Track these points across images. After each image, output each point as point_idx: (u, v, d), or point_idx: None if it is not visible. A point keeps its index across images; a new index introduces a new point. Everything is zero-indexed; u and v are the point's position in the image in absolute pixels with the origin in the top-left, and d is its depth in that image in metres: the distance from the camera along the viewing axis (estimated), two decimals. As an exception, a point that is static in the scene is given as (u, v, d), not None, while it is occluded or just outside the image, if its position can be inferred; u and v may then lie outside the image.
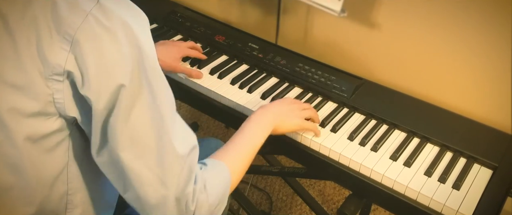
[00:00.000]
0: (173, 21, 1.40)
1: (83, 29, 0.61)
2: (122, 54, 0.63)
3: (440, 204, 0.89)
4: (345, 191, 1.81)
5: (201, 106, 1.24)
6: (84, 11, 0.61)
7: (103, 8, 0.62)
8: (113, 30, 0.62)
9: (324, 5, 1.16)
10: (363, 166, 0.97)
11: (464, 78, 1.20)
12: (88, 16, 0.61)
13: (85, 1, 0.62)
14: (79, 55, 0.62)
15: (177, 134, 0.69)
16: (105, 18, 0.62)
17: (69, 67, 0.62)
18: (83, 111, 0.67)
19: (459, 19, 1.13)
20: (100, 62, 0.62)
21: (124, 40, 0.63)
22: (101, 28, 0.61)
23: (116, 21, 0.62)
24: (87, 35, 0.61)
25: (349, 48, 1.39)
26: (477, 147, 1.01)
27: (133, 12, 0.66)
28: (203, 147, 1.08)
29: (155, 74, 0.67)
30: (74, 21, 0.61)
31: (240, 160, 0.84)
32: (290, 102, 1.01)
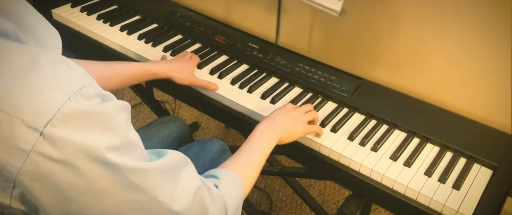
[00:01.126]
0: (173, 21, 1.40)
1: (25, 171, 0.50)
2: (88, 183, 0.52)
3: (440, 204, 0.89)
4: (345, 191, 1.81)
5: (201, 106, 1.24)
6: (23, 151, 0.49)
7: (50, 139, 0.49)
8: (68, 161, 0.50)
9: (324, 5, 1.16)
10: (363, 166, 0.97)
11: (464, 78, 1.20)
12: (30, 155, 0.49)
13: (23, 136, 0.48)
14: (27, 192, 0.52)
15: (176, 197, 0.62)
16: (53, 150, 0.49)
17: (15, 205, 0.53)
18: None
19: (459, 19, 1.13)
20: (59, 197, 0.52)
21: (87, 167, 0.52)
22: (51, 163, 0.50)
23: (70, 149, 0.50)
24: (32, 176, 0.50)
25: (349, 49, 1.39)
26: (477, 147, 1.01)
27: (92, 119, 0.52)
28: (206, 148, 1.09)
29: (139, 174, 0.57)
30: (11, 164, 0.49)
31: (249, 171, 0.83)
32: (292, 109, 1.00)
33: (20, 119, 0.48)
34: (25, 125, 0.48)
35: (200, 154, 1.07)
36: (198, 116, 2.13)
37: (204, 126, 2.08)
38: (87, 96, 0.52)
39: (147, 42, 1.32)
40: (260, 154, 0.87)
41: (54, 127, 0.49)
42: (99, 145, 0.52)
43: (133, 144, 0.58)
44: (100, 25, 1.38)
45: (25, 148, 0.49)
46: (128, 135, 0.57)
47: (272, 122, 0.94)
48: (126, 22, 1.41)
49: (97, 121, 0.52)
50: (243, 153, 0.86)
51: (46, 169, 0.50)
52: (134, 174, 0.56)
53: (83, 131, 0.51)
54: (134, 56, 1.28)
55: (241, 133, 1.96)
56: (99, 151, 0.52)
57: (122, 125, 0.56)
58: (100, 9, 1.45)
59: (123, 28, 1.37)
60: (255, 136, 0.90)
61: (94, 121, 0.52)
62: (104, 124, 0.53)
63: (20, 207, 0.54)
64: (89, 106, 0.52)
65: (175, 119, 1.26)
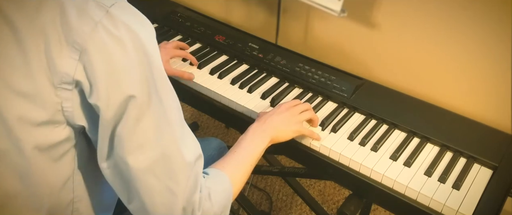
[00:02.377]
0: (173, 21, 1.40)
1: (92, 39, 0.61)
2: (131, 63, 0.63)
3: (440, 204, 0.89)
4: (345, 191, 1.81)
5: (201, 106, 1.24)
6: (93, 21, 0.61)
7: (112, 17, 0.62)
8: (122, 40, 0.62)
9: (324, 5, 1.16)
10: (363, 166, 0.97)
11: (464, 78, 1.20)
12: (97, 25, 0.61)
13: (94, 10, 0.61)
14: (88, 65, 0.61)
15: (185, 142, 0.69)
16: (114, 27, 0.61)
17: (78, 76, 0.62)
18: (91, 119, 0.66)
19: (460, 19, 1.13)
20: (109, 72, 0.62)
21: (133, 49, 0.63)
22: (110, 37, 0.61)
23: (125, 30, 0.62)
24: (96, 44, 0.61)
25: (349, 48, 1.39)
26: (477, 147, 1.01)
27: (141, 21, 0.66)
28: (204, 146, 1.08)
29: (163, 83, 0.67)
30: (84, 30, 0.60)
31: (239, 171, 0.84)
32: (288, 107, 0.99)
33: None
34: (96, 2, 0.62)
35: None
36: (198, 116, 2.13)
37: (204, 126, 2.08)
38: (132, 7, 0.67)
39: (147, 42, 1.32)
40: (250, 154, 0.88)
41: (115, 9, 0.62)
42: (148, 40, 0.65)
43: (159, 56, 0.68)
44: (100, 25, 1.38)
45: (95, 18, 0.61)
46: (157, 46, 0.69)
47: (263, 122, 0.94)
48: (126, 22, 1.40)
49: (143, 23, 0.66)
50: (233, 153, 0.87)
51: (106, 41, 0.61)
52: (162, 80, 0.67)
53: (135, 22, 0.64)
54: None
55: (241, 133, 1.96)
56: (148, 43, 0.64)
57: (155, 36, 0.69)
58: (100, 9, 1.45)
59: (123, 28, 1.36)
60: (246, 137, 0.91)
61: (141, 21, 0.66)
62: (147, 28, 0.66)
63: (82, 79, 0.62)
64: (136, 10, 0.66)
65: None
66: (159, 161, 0.66)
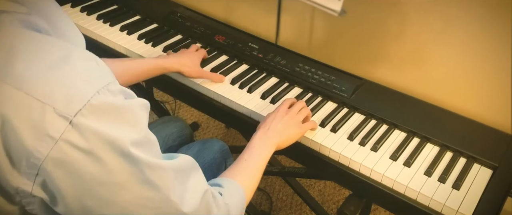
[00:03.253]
0: (173, 21, 1.40)
1: (51, 158, 0.51)
2: (108, 174, 0.54)
3: (440, 204, 0.89)
4: (345, 191, 1.81)
5: (201, 106, 1.24)
6: (52, 138, 0.50)
7: (78, 129, 0.51)
8: (93, 150, 0.52)
9: (324, 5, 1.16)
10: (363, 166, 0.97)
11: (464, 78, 1.20)
12: (58, 143, 0.50)
13: (53, 124, 0.50)
14: (49, 180, 0.53)
15: (185, 198, 0.63)
16: (80, 139, 0.51)
17: (36, 193, 0.54)
18: None
19: (459, 19, 1.13)
20: (80, 188, 0.54)
21: (109, 157, 0.53)
22: (76, 152, 0.51)
23: (96, 139, 0.52)
24: (57, 163, 0.52)
25: (349, 48, 1.39)
26: (477, 147, 1.01)
27: (118, 114, 0.54)
28: (207, 148, 1.09)
29: (156, 171, 0.58)
30: (39, 150, 0.50)
31: (250, 180, 0.85)
32: (285, 112, 1.00)
33: (52, 107, 0.50)
34: (56, 113, 0.50)
35: (200, 154, 1.07)
36: (198, 116, 2.13)
37: (204, 126, 2.08)
38: (113, 92, 0.54)
39: (147, 42, 1.32)
40: (260, 163, 0.88)
41: (83, 117, 0.51)
42: (124, 138, 0.53)
43: (151, 141, 0.59)
44: (100, 25, 1.38)
45: (54, 135, 0.50)
46: (147, 132, 0.59)
47: (268, 129, 0.95)
48: (126, 22, 1.41)
49: (122, 116, 0.54)
50: (243, 161, 0.87)
51: (71, 158, 0.52)
52: (151, 170, 0.57)
53: (109, 123, 0.53)
54: (134, 57, 1.28)
55: (241, 133, 1.96)
56: (124, 144, 0.53)
57: (144, 121, 0.58)
58: (100, 9, 1.45)
59: (123, 28, 1.37)
60: (254, 145, 0.91)
61: (120, 115, 0.54)
62: (129, 119, 0.55)
63: (41, 195, 0.55)
64: (115, 101, 0.54)
65: (176, 119, 1.26)
66: None
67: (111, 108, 0.53)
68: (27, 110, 0.50)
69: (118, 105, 0.54)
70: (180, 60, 1.13)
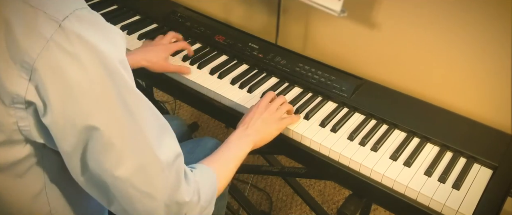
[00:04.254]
0: (173, 21, 1.40)
1: (42, 58, 0.56)
2: (90, 83, 0.58)
3: (440, 204, 0.89)
4: (345, 191, 1.81)
5: (201, 106, 1.24)
6: (43, 38, 0.56)
7: (66, 32, 0.56)
8: (78, 56, 0.57)
9: (324, 5, 1.16)
10: (363, 166, 0.97)
11: (464, 78, 1.20)
12: (49, 43, 0.56)
13: (44, 26, 0.56)
14: (40, 85, 0.57)
15: (161, 145, 0.67)
16: (68, 43, 0.56)
17: (29, 97, 0.58)
18: (51, 137, 0.63)
19: (459, 19, 1.13)
20: (64, 93, 0.57)
21: (91, 66, 0.57)
22: (64, 55, 0.56)
23: (81, 46, 0.57)
24: (47, 63, 0.56)
25: (349, 48, 1.39)
26: (477, 147, 1.01)
27: (103, 31, 0.60)
28: (201, 146, 1.09)
29: (132, 96, 0.63)
30: (33, 48, 0.55)
31: (224, 170, 0.87)
32: (264, 109, 1.00)
33: (43, 11, 0.56)
34: (47, 16, 0.56)
35: (194, 151, 1.07)
36: (198, 116, 2.13)
37: (204, 126, 2.08)
38: (96, 14, 0.62)
39: (147, 42, 1.32)
40: (235, 156, 0.90)
41: (69, 22, 0.57)
42: (112, 54, 0.59)
43: (130, 70, 0.64)
44: (100, 25, 1.38)
45: (46, 35, 0.56)
46: (127, 60, 0.63)
47: (247, 127, 0.96)
48: (126, 22, 1.41)
49: (106, 34, 0.60)
50: (219, 153, 0.89)
51: (59, 60, 0.56)
52: (129, 93, 0.62)
53: (94, 34, 0.58)
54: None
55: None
56: (111, 58, 0.59)
57: (123, 47, 0.63)
58: (100, 9, 1.45)
59: (123, 28, 1.37)
60: (232, 140, 0.93)
61: (104, 32, 0.60)
62: (112, 38, 0.61)
63: (34, 99, 0.58)
64: (100, 19, 0.61)
65: (174, 117, 1.26)
66: (136, 171, 0.64)
67: (96, 22, 0.60)
68: (22, 14, 0.56)
69: (102, 23, 0.60)
70: (145, 56, 1.14)
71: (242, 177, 1.84)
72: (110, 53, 0.59)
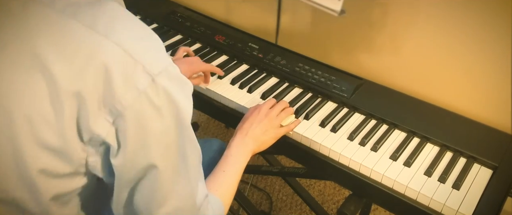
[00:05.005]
0: (173, 21, 1.40)
1: (132, 107, 0.59)
2: (164, 131, 0.63)
3: (440, 204, 0.89)
4: (345, 191, 1.81)
5: (201, 106, 1.24)
6: (137, 90, 0.59)
7: (157, 86, 0.60)
8: (161, 109, 0.61)
9: (324, 5, 1.16)
10: (363, 166, 0.97)
11: (464, 78, 1.20)
12: (141, 95, 0.59)
13: (141, 77, 0.59)
14: (121, 129, 0.60)
15: (198, 188, 0.72)
16: (156, 96, 0.60)
17: (108, 138, 0.61)
18: (112, 172, 0.66)
19: (459, 18, 1.13)
20: (140, 138, 0.62)
21: (170, 118, 0.63)
22: (151, 106, 0.60)
23: (167, 100, 0.61)
24: (135, 112, 0.60)
25: (349, 49, 1.39)
26: (477, 147, 1.01)
27: (183, 87, 0.65)
28: (206, 148, 1.08)
29: (190, 140, 0.68)
30: (126, 98, 0.59)
31: (229, 190, 0.89)
32: (264, 115, 1.00)
33: (142, 64, 0.59)
34: (144, 70, 0.59)
35: None
36: (198, 116, 2.13)
37: (204, 126, 2.08)
38: (177, 69, 0.65)
39: (147, 42, 1.32)
40: (237, 171, 0.92)
41: (161, 77, 0.60)
42: (188, 110, 0.66)
43: None
44: (100, 25, 1.38)
45: (140, 87, 0.59)
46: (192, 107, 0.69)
47: (245, 135, 0.97)
48: (126, 22, 1.40)
49: (185, 89, 0.66)
50: (221, 172, 0.90)
51: (145, 110, 0.60)
52: (191, 144, 0.68)
53: (178, 90, 0.63)
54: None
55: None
56: (186, 115, 0.65)
57: (191, 97, 0.69)
58: (100, 9, 1.45)
59: (123, 28, 1.36)
60: (231, 153, 0.94)
61: (184, 88, 0.65)
62: (189, 95, 0.67)
63: (112, 141, 0.62)
64: (180, 76, 0.65)
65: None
66: (173, 212, 0.68)
67: (180, 79, 0.64)
68: (123, 64, 0.58)
69: (184, 79, 0.65)
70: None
71: (242, 177, 1.83)
72: (186, 109, 0.65)
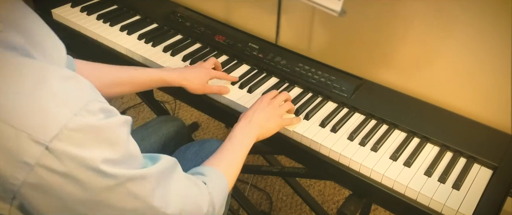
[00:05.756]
0: (173, 21, 1.40)
1: (28, 184, 0.50)
2: (89, 193, 0.54)
3: (440, 204, 0.89)
4: (345, 191, 1.81)
5: (201, 106, 1.24)
6: (27, 165, 0.49)
7: (55, 154, 0.50)
8: (73, 174, 0.52)
9: (324, 5, 1.16)
10: (363, 166, 0.97)
11: (464, 78, 1.20)
12: (34, 169, 0.50)
13: (27, 151, 0.49)
14: (27, 203, 0.52)
15: (169, 203, 0.64)
16: (59, 164, 0.50)
17: (13, 214, 0.54)
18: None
19: (459, 19, 1.13)
20: (60, 207, 0.54)
21: (89, 178, 0.53)
22: (56, 176, 0.51)
23: (75, 163, 0.51)
24: (35, 187, 0.51)
25: (349, 48, 1.39)
26: (477, 147, 1.01)
27: (100, 135, 0.54)
28: (206, 148, 1.09)
29: (134, 180, 0.59)
30: (16, 177, 0.50)
31: (232, 168, 0.87)
32: (267, 103, 1.01)
33: (27, 133, 0.49)
34: (31, 139, 0.49)
35: (199, 154, 1.07)
36: (198, 116, 2.13)
37: (204, 126, 2.08)
38: (93, 112, 0.53)
39: (147, 42, 1.32)
40: (241, 152, 0.90)
41: (59, 142, 0.50)
42: (96, 157, 0.53)
43: (131, 155, 0.60)
44: (100, 25, 1.38)
45: (30, 162, 0.49)
46: (128, 148, 0.59)
47: (249, 121, 0.96)
48: (126, 22, 1.41)
49: (100, 135, 0.53)
50: (225, 151, 0.89)
51: (49, 181, 0.51)
52: (132, 182, 0.58)
53: (86, 145, 0.52)
54: (134, 57, 1.28)
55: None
56: (96, 163, 0.53)
57: (124, 139, 0.57)
58: (100, 9, 1.45)
59: (123, 28, 1.37)
60: (235, 135, 0.93)
61: (98, 136, 0.53)
62: (108, 138, 0.54)
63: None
64: (94, 121, 0.53)
65: (173, 118, 1.26)
66: None
67: (89, 129, 0.52)
68: (1, 137, 0.48)
69: (96, 125, 0.53)
70: (184, 75, 1.10)
71: (242, 177, 1.84)
72: (98, 157, 0.53)
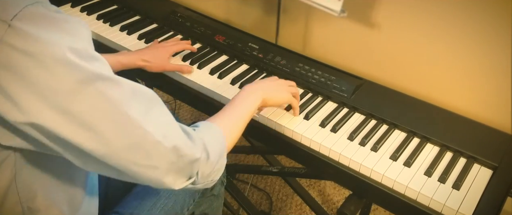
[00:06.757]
0: (173, 21, 1.40)
1: None
2: (57, 81, 0.56)
3: (440, 204, 0.89)
4: (345, 191, 1.81)
5: (201, 106, 1.24)
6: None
7: (18, 32, 0.54)
8: (38, 56, 0.54)
9: (324, 5, 1.16)
10: (363, 166, 0.97)
11: (464, 78, 1.20)
12: (1, 45, 0.53)
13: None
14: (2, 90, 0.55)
15: (150, 120, 0.65)
16: (23, 42, 0.54)
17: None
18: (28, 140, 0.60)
19: (459, 19, 1.13)
20: (30, 91, 0.55)
21: (54, 65, 0.55)
22: (20, 54, 0.54)
23: (38, 45, 0.54)
24: (3, 65, 0.54)
25: (349, 49, 1.39)
26: (477, 147, 1.01)
27: (60, 24, 0.57)
28: None
29: (104, 80, 0.60)
30: None
31: (232, 125, 0.84)
32: (277, 79, 1.04)
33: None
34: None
35: None
36: (198, 116, 2.13)
37: (204, 126, 2.08)
38: (50, 8, 0.58)
39: (147, 42, 1.32)
40: (243, 111, 0.88)
41: (19, 21, 0.54)
42: (61, 44, 0.55)
43: (99, 59, 0.61)
44: (100, 25, 1.38)
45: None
46: (91, 48, 0.60)
47: (256, 84, 0.97)
48: (126, 22, 1.41)
49: (60, 25, 0.57)
50: (225, 110, 0.87)
51: (16, 59, 0.54)
52: (102, 82, 0.59)
53: (46, 28, 0.55)
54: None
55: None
56: (61, 50, 0.55)
57: (85, 36, 0.60)
58: (100, 9, 1.45)
59: (123, 28, 1.37)
60: (239, 96, 0.92)
61: (57, 24, 0.57)
62: (67, 28, 0.57)
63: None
64: (51, 12, 0.57)
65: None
66: (130, 149, 0.63)
67: (48, 16, 0.56)
68: None
69: (55, 16, 0.57)
70: (141, 56, 1.12)
71: (242, 177, 1.84)
72: (65, 44, 0.56)
